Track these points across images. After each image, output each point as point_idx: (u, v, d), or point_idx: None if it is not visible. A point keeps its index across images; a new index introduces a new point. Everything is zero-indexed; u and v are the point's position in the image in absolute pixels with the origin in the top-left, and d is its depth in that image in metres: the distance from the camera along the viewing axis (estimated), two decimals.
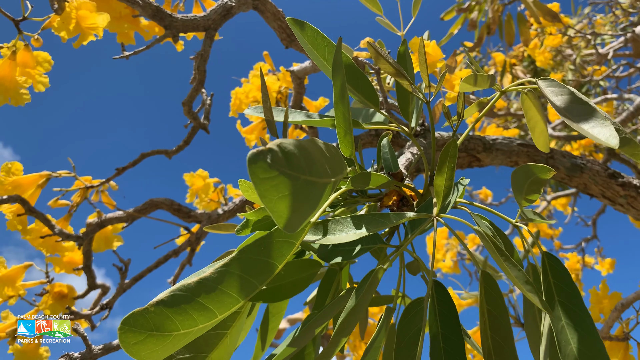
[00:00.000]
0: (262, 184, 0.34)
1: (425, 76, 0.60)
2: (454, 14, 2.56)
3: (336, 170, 0.46)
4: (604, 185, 1.26)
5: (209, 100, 1.15)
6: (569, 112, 0.52)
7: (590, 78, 3.19)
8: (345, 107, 0.54)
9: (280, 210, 0.36)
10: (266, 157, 0.35)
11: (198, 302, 0.38)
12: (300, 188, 0.38)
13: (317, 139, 0.46)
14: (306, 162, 0.39)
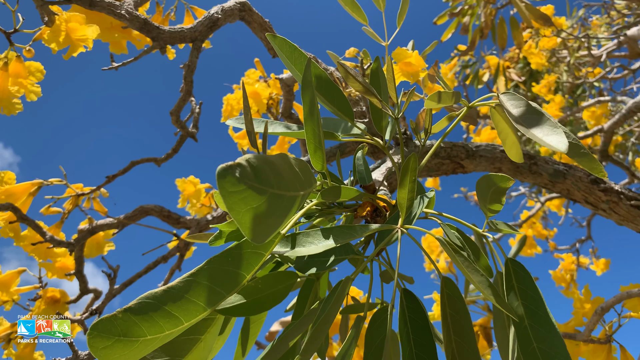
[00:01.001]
0: (231, 197, 0.36)
1: (393, 94, 0.62)
2: (447, 18, 2.58)
3: (305, 184, 0.48)
4: (587, 191, 1.28)
5: (198, 109, 1.18)
6: (524, 121, 0.55)
7: (584, 80, 3.21)
8: (315, 123, 0.56)
9: (247, 222, 0.38)
10: (235, 172, 0.37)
11: (164, 309, 0.40)
12: (268, 201, 0.40)
13: (288, 154, 0.48)
14: (274, 176, 0.41)
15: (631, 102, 2.69)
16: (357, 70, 1.22)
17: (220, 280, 0.45)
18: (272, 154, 1.28)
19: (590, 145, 3.62)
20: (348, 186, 0.59)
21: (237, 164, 0.37)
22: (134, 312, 0.39)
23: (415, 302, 0.58)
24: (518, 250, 1.42)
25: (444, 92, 0.58)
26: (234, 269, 0.47)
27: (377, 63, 0.67)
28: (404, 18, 1.14)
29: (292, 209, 0.45)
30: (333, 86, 0.67)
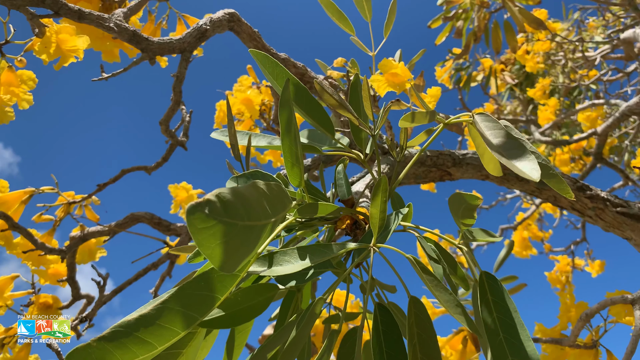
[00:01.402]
0: (200, 234, 0.37)
1: (368, 111, 0.63)
2: (441, 22, 2.59)
3: (278, 209, 0.50)
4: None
5: (188, 117, 1.19)
6: (501, 147, 0.56)
7: (579, 83, 3.23)
8: (292, 141, 0.58)
9: (217, 256, 0.39)
10: (204, 209, 0.38)
11: (137, 336, 0.41)
12: (238, 233, 0.41)
13: (259, 182, 0.50)
14: (244, 209, 0.43)
15: (624, 106, 2.70)
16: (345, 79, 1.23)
17: (193, 305, 0.47)
18: (267, 157, 1.29)
19: (586, 147, 3.64)
20: (325, 202, 0.60)
21: (207, 201, 0.38)
22: (107, 340, 0.40)
23: (389, 316, 0.60)
24: (505, 256, 1.43)
25: (418, 112, 0.60)
26: (207, 293, 0.49)
27: (356, 78, 0.68)
28: (391, 28, 1.16)
29: (264, 236, 0.47)
30: (314, 101, 0.68)
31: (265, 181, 0.66)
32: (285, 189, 0.53)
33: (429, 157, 1.16)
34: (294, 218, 0.58)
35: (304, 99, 0.69)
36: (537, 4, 2.54)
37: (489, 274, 0.60)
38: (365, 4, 1.10)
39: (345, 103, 0.61)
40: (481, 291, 0.58)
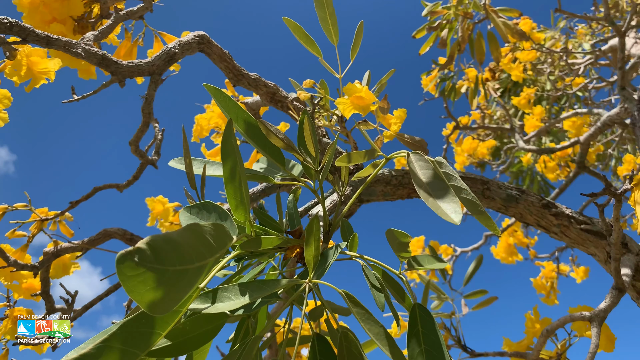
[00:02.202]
0: (129, 281, 0.39)
1: (311, 149, 0.66)
2: (425, 32, 2.62)
3: (217, 248, 0.52)
4: (539, 215, 1.33)
5: (160, 136, 1.22)
6: (430, 186, 0.59)
7: (562, 91, 3.26)
8: (235, 185, 0.60)
9: (147, 301, 0.41)
10: (134, 257, 0.40)
11: None
12: (169, 278, 0.43)
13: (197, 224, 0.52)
14: (176, 254, 0.45)
15: (606, 116, 2.74)
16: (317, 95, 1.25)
17: (134, 342, 0.49)
18: (247, 166, 1.31)
19: (571, 155, 3.68)
20: (269, 236, 0.63)
21: (137, 249, 0.40)
22: None
23: (328, 347, 0.62)
24: (474, 271, 1.46)
25: (355, 153, 0.62)
26: (148, 330, 0.51)
27: (304, 115, 0.71)
28: (358, 51, 1.19)
29: (199, 277, 0.49)
30: (263, 135, 0.71)
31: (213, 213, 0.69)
32: (225, 227, 0.55)
33: (394, 177, 1.19)
34: (237, 252, 0.61)
35: (256, 134, 0.72)
36: (519, 16, 2.57)
37: (422, 306, 0.63)
38: (332, 28, 1.13)
39: (289, 142, 0.64)
40: (412, 323, 0.61)
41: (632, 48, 4.36)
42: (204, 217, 0.70)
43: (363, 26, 1.19)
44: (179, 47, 1.09)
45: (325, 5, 1.11)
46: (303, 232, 0.73)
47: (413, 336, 0.60)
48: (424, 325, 0.62)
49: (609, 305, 1.15)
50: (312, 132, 0.66)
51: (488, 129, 3.09)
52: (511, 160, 4.41)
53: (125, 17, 1.15)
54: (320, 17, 1.12)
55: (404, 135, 1.23)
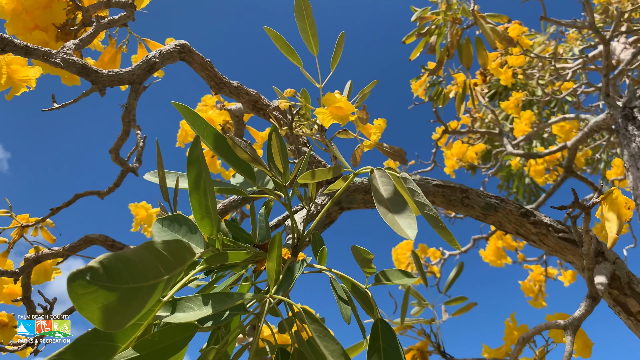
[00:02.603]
0: (80, 299, 0.40)
1: (279, 164, 0.67)
2: (415, 38, 2.64)
3: (175, 264, 0.53)
4: (517, 223, 1.35)
5: (142, 143, 1.22)
6: (390, 202, 0.61)
7: (551, 96, 3.29)
8: (200, 194, 0.62)
9: (98, 318, 0.42)
10: (85, 275, 0.41)
11: None
12: (121, 296, 0.44)
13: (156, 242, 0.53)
14: (129, 272, 0.46)
15: (592, 122, 2.77)
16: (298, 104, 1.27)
17: (90, 356, 0.50)
18: (231, 174, 1.34)
19: (559, 159, 3.71)
20: (236, 251, 0.64)
21: (89, 268, 0.41)
22: None
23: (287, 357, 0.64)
24: (455, 277, 1.48)
25: (319, 170, 0.64)
26: (107, 343, 0.52)
27: (272, 128, 0.72)
28: (338, 61, 1.20)
29: (154, 294, 0.50)
30: (232, 151, 0.72)
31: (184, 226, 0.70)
32: (186, 243, 0.56)
33: None
34: (202, 267, 0.62)
35: (225, 149, 0.73)
36: (507, 22, 2.59)
37: (384, 321, 0.64)
38: (312, 39, 1.14)
39: (256, 157, 0.65)
40: (374, 338, 0.62)
41: (621, 53, 4.39)
42: (175, 230, 0.72)
43: (344, 37, 1.20)
44: (160, 56, 1.10)
45: (305, 16, 1.13)
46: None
47: (374, 352, 0.61)
48: (385, 340, 0.63)
49: (583, 314, 1.17)
50: (280, 148, 0.67)
51: (477, 133, 3.11)
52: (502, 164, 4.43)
53: (106, 25, 1.16)
54: (301, 27, 1.13)
55: (383, 144, 1.24)
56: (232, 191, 0.78)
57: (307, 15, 1.13)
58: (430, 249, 3.14)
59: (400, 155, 1.20)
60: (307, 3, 1.13)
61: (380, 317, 0.65)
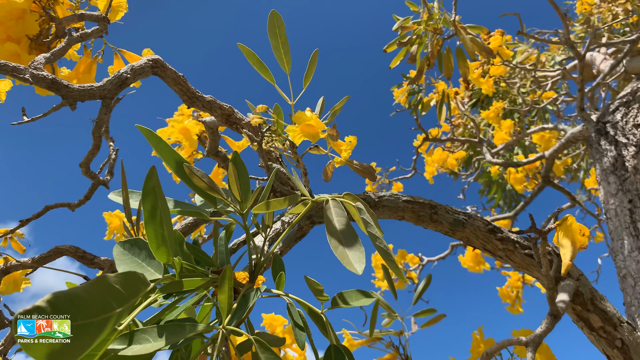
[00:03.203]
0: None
1: (236, 193, 0.69)
2: (396, 46, 2.66)
3: (127, 298, 0.54)
4: (484, 240, 1.38)
5: (114, 155, 1.23)
6: (342, 234, 0.62)
7: (531, 106, 3.34)
8: (157, 225, 0.63)
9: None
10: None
11: None
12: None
13: (108, 276, 0.54)
14: (77, 310, 0.47)
15: (569, 133, 2.82)
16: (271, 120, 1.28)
17: None
18: (213, 177, 1.31)
19: (538, 167, 3.76)
20: (192, 278, 0.66)
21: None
22: None
23: None
24: (423, 289, 1.51)
25: (274, 201, 0.65)
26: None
27: (234, 155, 0.73)
28: (311, 79, 1.22)
29: (107, 327, 0.51)
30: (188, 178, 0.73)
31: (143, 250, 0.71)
32: (140, 275, 0.58)
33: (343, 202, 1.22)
34: (157, 296, 0.63)
35: (185, 174, 0.74)
36: (487, 34, 2.63)
37: (337, 347, 0.66)
38: (284, 57, 1.15)
39: (213, 185, 0.66)
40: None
41: (601, 64, 4.46)
42: (135, 254, 0.73)
43: (317, 55, 1.22)
44: (131, 71, 1.11)
45: (278, 34, 1.14)
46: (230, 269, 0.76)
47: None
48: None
49: (544, 331, 1.20)
50: (238, 177, 0.68)
51: (457, 141, 3.15)
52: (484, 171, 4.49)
53: (79, 39, 1.16)
54: (274, 46, 1.15)
55: (354, 161, 1.26)
56: (192, 213, 0.79)
57: (279, 34, 1.14)
58: (409, 254, 3.17)
59: (370, 173, 1.22)
60: (280, 22, 1.14)
61: (334, 343, 0.67)
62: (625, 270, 1.90)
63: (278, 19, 1.14)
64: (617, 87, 4.47)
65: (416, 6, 2.68)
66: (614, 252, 2.00)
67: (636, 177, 1.98)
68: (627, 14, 4.37)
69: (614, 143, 2.13)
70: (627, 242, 1.92)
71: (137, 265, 0.72)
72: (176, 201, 0.83)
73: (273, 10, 1.13)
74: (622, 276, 1.93)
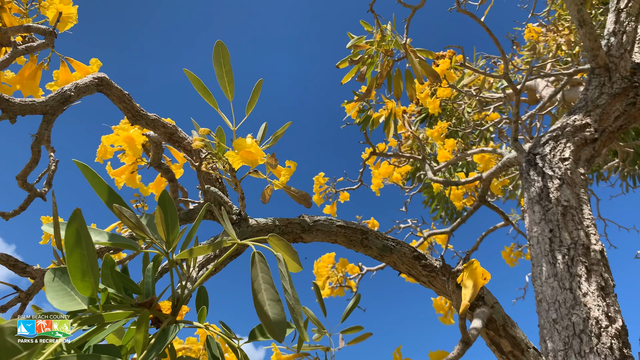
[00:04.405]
0: None
1: (162, 234, 0.73)
2: (347, 64, 2.74)
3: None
4: (410, 265, 1.47)
5: (54, 167, 1.24)
6: (265, 295, 0.68)
7: (473, 128, 3.50)
8: (77, 260, 0.66)
9: None
10: None
11: None
12: None
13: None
14: None
15: (505, 158, 2.98)
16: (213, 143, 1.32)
17: None
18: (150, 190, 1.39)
19: (477, 185, 3.95)
20: (112, 312, 0.70)
21: None
22: None
23: None
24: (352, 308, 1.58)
25: (197, 248, 0.70)
26: None
27: (162, 196, 0.78)
28: (253, 107, 1.27)
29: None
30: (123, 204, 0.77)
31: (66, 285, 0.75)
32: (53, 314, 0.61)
33: (277, 227, 1.28)
34: (77, 328, 0.67)
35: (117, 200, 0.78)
36: (436, 57, 2.75)
37: None
38: (228, 85, 1.20)
39: (140, 224, 0.71)
40: None
41: (543, 90, 4.71)
42: (65, 281, 0.76)
43: (261, 85, 1.27)
44: (75, 89, 1.12)
45: (222, 64, 1.18)
46: (155, 301, 0.80)
47: None
48: None
49: (455, 356, 1.30)
50: (164, 218, 0.73)
51: (402, 157, 3.27)
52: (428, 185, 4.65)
53: (23, 52, 1.17)
54: (218, 74, 1.19)
55: (291, 187, 1.32)
56: (124, 245, 0.83)
57: (224, 63, 1.18)
58: (349, 264, 3.27)
59: (305, 200, 1.29)
60: (225, 52, 1.19)
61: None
62: (541, 295, 2.05)
63: (223, 49, 1.18)
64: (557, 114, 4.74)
65: (370, 26, 2.78)
66: (533, 277, 2.15)
67: (558, 208, 2.14)
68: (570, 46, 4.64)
69: (541, 174, 2.29)
70: (545, 269, 2.07)
71: (66, 294, 0.76)
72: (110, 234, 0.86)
73: (219, 40, 1.17)
74: (538, 300, 2.08)
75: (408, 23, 2.79)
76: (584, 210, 2.20)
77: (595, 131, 2.37)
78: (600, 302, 1.91)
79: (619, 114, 2.44)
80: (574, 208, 2.17)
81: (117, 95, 1.22)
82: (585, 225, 2.13)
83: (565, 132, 2.39)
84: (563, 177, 2.23)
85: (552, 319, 1.97)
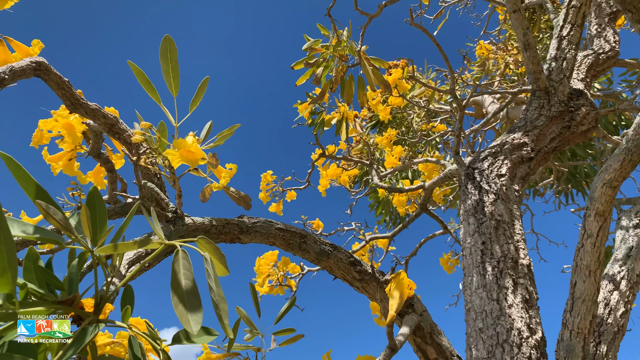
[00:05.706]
0: None
1: (87, 232, 0.72)
2: (303, 66, 2.75)
3: None
4: (345, 270, 1.50)
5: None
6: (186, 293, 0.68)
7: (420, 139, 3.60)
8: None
9: None
10: None
11: None
12: None
13: None
14: None
15: (447, 169, 3.09)
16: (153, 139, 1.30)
17: None
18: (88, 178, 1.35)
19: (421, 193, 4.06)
20: (30, 309, 0.68)
21: None
22: None
23: None
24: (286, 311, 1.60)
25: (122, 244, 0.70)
26: None
27: (90, 195, 0.76)
28: (198, 104, 1.26)
29: None
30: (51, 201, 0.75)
31: None
32: None
33: (214, 227, 1.28)
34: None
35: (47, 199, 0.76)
36: (388, 67, 2.81)
37: None
38: (173, 81, 1.18)
39: (66, 223, 0.69)
40: None
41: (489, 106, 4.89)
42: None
43: (207, 83, 1.26)
44: (10, 72, 1.08)
45: (169, 59, 1.17)
46: (77, 298, 0.79)
47: None
48: None
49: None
50: (89, 218, 0.72)
51: (351, 161, 3.32)
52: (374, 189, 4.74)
53: None
54: (164, 69, 1.17)
55: (230, 188, 1.32)
56: (49, 240, 0.81)
57: (171, 59, 1.17)
58: (291, 263, 3.28)
59: (245, 202, 1.29)
60: (173, 47, 1.17)
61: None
62: (470, 304, 2.14)
63: (171, 43, 1.17)
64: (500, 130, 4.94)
65: (327, 30, 2.80)
66: (464, 286, 2.24)
67: (491, 222, 2.24)
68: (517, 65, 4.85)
69: (478, 188, 2.38)
70: (475, 280, 2.16)
71: None
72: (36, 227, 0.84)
73: (167, 35, 1.16)
74: (467, 309, 2.17)
75: (364, 30, 2.83)
76: (516, 225, 2.31)
77: (531, 150, 2.49)
78: (524, 314, 2.01)
79: (555, 136, 2.58)
80: (507, 223, 2.28)
81: (55, 82, 1.18)
82: (515, 240, 2.24)
83: (504, 150, 2.49)
84: (498, 192, 2.33)
85: (479, 328, 2.06)
